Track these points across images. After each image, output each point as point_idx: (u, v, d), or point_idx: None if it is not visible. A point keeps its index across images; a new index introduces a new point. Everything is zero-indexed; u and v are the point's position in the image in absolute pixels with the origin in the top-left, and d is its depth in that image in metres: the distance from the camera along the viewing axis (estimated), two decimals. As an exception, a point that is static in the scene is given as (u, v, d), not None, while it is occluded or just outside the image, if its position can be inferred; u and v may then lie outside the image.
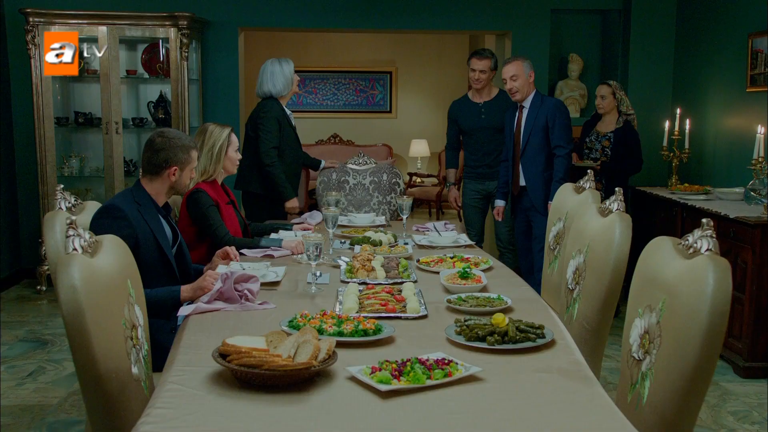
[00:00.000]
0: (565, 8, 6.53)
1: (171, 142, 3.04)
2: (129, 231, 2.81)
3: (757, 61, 5.02)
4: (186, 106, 5.89)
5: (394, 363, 1.96)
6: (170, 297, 2.83)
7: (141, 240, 2.88)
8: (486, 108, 5.15)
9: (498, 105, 5.14)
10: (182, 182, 3.10)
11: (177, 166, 3.04)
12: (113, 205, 2.88)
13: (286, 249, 3.55)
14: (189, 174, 3.11)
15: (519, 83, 4.74)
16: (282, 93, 4.80)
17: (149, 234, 2.92)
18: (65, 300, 1.92)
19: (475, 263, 3.27)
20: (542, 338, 2.25)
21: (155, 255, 2.94)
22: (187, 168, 3.08)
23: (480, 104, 5.16)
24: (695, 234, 2.12)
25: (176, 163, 3.04)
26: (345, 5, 6.37)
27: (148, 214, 2.96)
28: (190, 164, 3.09)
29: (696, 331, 1.92)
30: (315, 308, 2.58)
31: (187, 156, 3.07)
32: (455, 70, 10.88)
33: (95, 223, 2.83)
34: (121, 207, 2.87)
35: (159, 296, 2.81)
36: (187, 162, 3.07)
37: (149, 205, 3.00)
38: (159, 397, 1.84)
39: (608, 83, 5.40)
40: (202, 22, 6.15)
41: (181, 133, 3.21)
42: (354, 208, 4.97)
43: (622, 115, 5.30)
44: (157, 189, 3.04)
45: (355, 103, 10.73)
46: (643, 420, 2.04)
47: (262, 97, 4.83)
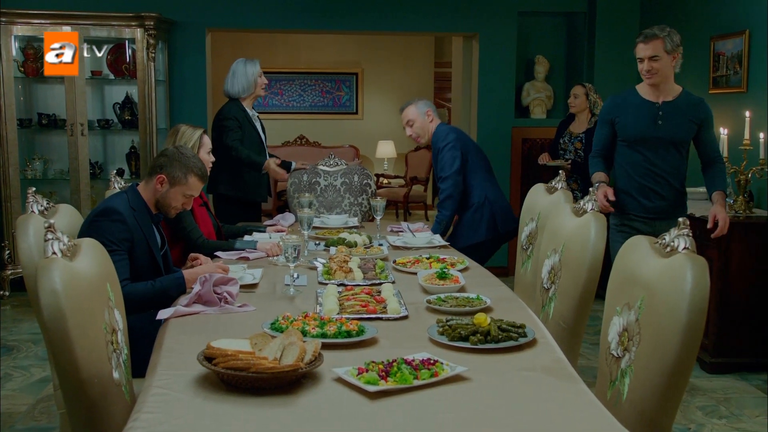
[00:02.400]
0: (532, 11, 6.61)
1: (176, 156, 3.01)
2: (127, 234, 2.83)
3: (720, 64, 5.13)
4: (153, 108, 5.83)
5: (380, 364, 1.97)
6: (175, 284, 2.85)
7: (136, 244, 2.87)
8: (666, 111, 3.76)
9: (683, 109, 3.76)
10: (167, 199, 3.00)
11: (166, 178, 2.97)
12: (112, 208, 2.86)
13: (261, 251, 3.54)
14: (178, 197, 3.01)
15: (417, 126, 4.41)
16: (242, 94, 4.76)
17: (143, 239, 2.91)
18: (46, 305, 1.89)
19: (451, 263, 3.29)
20: (524, 337, 2.27)
21: (146, 260, 2.93)
22: (177, 187, 2.99)
23: (658, 105, 3.78)
24: (672, 233, 2.17)
25: (167, 174, 2.98)
26: (311, 6, 6.36)
27: (142, 219, 2.94)
28: (181, 186, 2.99)
29: (675, 328, 1.96)
30: (295, 310, 2.57)
31: (183, 176, 2.98)
32: (421, 71, 10.94)
33: (93, 224, 2.81)
34: (120, 210, 2.86)
35: (163, 286, 2.81)
36: (179, 181, 2.98)
37: (143, 211, 2.98)
38: (145, 401, 1.82)
39: (583, 84, 5.60)
40: (168, 22, 6.08)
41: (198, 159, 3.13)
42: (325, 210, 4.96)
43: (594, 116, 5.42)
44: (148, 195, 3.02)
45: (321, 104, 10.71)
46: (623, 416, 2.07)
47: (227, 97, 4.84)
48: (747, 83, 4.81)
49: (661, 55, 3.67)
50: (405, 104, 4.51)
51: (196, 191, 3.08)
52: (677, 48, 3.71)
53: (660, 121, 3.76)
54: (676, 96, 3.79)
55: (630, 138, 3.84)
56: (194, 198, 3.69)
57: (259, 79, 4.78)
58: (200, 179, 3.06)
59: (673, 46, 3.69)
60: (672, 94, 3.78)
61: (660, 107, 3.78)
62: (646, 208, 3.83)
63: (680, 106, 3.76)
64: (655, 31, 3.70)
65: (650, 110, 3.79)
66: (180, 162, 3.00)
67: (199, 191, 3.14)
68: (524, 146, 6.62)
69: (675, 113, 3.75)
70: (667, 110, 3.77)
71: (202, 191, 3.87)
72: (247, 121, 4.74)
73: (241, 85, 4.74)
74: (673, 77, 3.80)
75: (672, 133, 3.75)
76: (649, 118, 3.78)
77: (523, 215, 3.92)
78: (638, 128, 3.81)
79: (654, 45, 3.68)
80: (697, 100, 3.82)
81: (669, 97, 3.78)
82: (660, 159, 3.79)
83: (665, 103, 3.77)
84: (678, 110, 3.76)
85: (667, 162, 3.79)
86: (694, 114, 3.75)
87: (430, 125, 4.42)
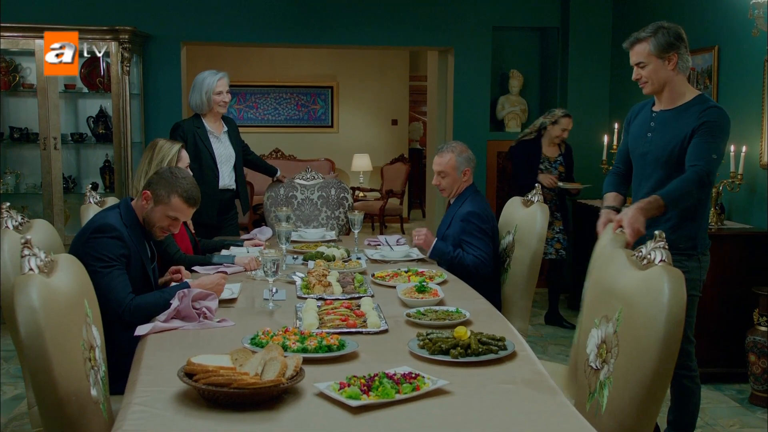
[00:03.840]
0: (506, 26, 6.68)
1: (166, 174, 2.96)
2: (124, 251, 2.82)
3: (690, 79, 5.21)
4: (128, 121, 5.78)
5: (362, 378, 1.97)
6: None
7: (132, 261, 2.86)
8: (658, 122, 3.18)
9: (678, 120, 3.10)
10: (152, 218, 2.93)
11: (151, 195, 2.92)
12: (109, 224, 2.83)
13: (239, 265, 3.52)
14: (162, 217, 2.93)
15: (448, 181, 3.88)
16: (197, 110, 4.60)
17: (137, 254, 2.90)
18: (24, 321, 1.87)
19: (430, 277, 3.30)
20: (504, 350, 2.29)
21: (139, 275, 2.92)
22: (161, 206, 2.91)
23: (654, 114, 3.22)
24: (648, 246, 2.20)
25: (153, 191, 2.92)
26: (287, 20, 6.37)
27: (134, 235, 2.92)
28: (164, 205, 2.91)
29: (653, 340, 1.99)
30: (274, 325, 2.56)
31: (166, 195, 2.90)
32: (397, 85, 10.99)
33: (91, 240, 2.78)
34: (116, 226, 2.84)
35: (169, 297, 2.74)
36: (162, 199, 2.91)
37: (136, 227, 2.95)
38: (126, 419, 1.81)
39: (570, 115, 5.51)
40: (143, 36, 6.05)
41: (189, 183, 2.98)
42: (302, 224, 4.95)
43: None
44: (139, 211, 2.97)
45: (296, 117, 10.70)
46: (602, 428, 2.09)
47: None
48: (717, 97, 4.89)
49: (648, 60, 3.08)
50: (444, 145, 3.95)
51: (182, 214, 2.96)
52: (671, 48, 3.05)
53: (650, 133, 3.18)
54: (682, 104, 3.11)
55: (631, 152, 3.31)
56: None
57: (216, 96, 4.52)
58: (184, 201, 2.93)
59: (663, 48, 3.05)
60: (677, 102, 3.12)
61: (654, 117, 3.20)
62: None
63: (678, 116, 3.10)
64: (639, 34, 3.11)
65: (647, 120, 3.22)
66: (167, 181, 2.93)
67: (186, 216, 3.01)
68: (499, 159, 6.68)
69: (665, 125, 3.12)
70: (658, 121, 3.16)
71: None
72: (197, 137, 4.51)
73: (194, 101, 4.58)
74: (682, 80, 3.12)
75: (658, 149, 3.12)
76: (642, 131, 3.22)
77: (500, 228, 3.95)
78: (633, 139, 3.28)
79: (637, 50, 3.12)
80: (703, 106, 3.06)
81: (671, 105, 3.13)
82: (649, 182, 3.16)
83: (660, 113, 3.17)
84: (670, 121, 3.11)
85: (660, 186, 3.04)
86: (688, 122, 3.04)
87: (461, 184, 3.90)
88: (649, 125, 3.19)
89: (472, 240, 3.71)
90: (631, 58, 3.15)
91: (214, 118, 4.64)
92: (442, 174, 3.88)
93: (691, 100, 3.10)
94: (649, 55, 3.08)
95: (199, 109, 4.60)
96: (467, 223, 3.74)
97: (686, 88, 3.14)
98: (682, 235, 3.10)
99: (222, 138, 4.67)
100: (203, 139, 4.56)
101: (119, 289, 2.74)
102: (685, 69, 3.11)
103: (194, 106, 4.61)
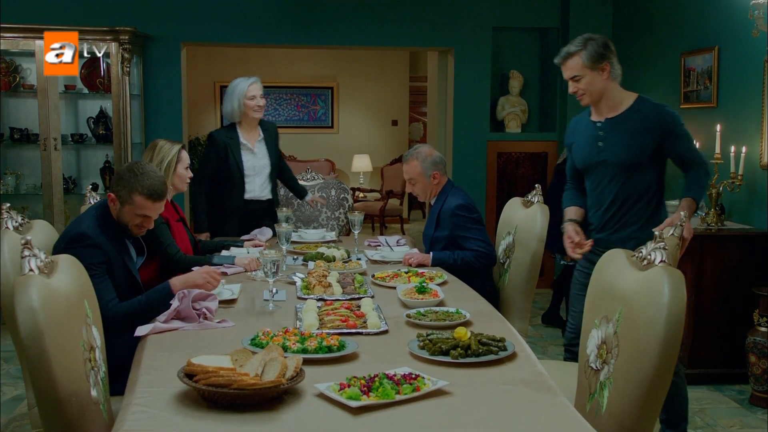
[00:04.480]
0: (506, 26, 6.68)
1: (124, 174, 2.90)
2: (102, 257, 2.78)
3: (690, 79, 5.23)
4: (128, 122, 5.78)
5: (362, 379, 1.97)
6: (162, 296, 2.77)
7: (112, 263, 2.84)
8: (607, 130, 3.19)
9: (628, 124, 3.15)
10: (123, 218, 2.90)
11: (115, 196, 2.89)
12: (82, 233, 2.80)
13: (239, 266, 3.52)
14: (132, 215, 2.89)
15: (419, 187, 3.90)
16: (232, 118, 4.51)
17: (118, 257, 2.88)
18: (24, 322, 1.87)
19: (430, 278, 3.30)
20: (504, 351, 2.29)
21: (123, 277, 2.90)
22: (127, 206, 2.87)
23: (599, 124, 3.23)
24: (648, 246, 2.20)
25: (115, 193, 2.89)
26: (287, 21, 6.37)
27: (112, 236, 2.89)
28: (129, 205, 2.87)
29: (653, 341, 1.99)
30: (274, 325, 2.56)
31: (127, 195, 2.86)
32: (397, 85, 11.00)
33: (67, 251, 2.68)
34: (90, 234, 2.80)
35: (151, 300, 2.75)
36: (125, 200, 2.87)
37: (113, 228, 2.91)
38: (125, 419, 1.80)
39: None
40: (143, 36, 6.06)
41: (152, 177, 2.89)
42: (302, 224, 4.95)
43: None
44: (113, 212, 2.94)
45: (296, 118, 10.71)
46: (602, 429, 2.09)
47: None
48: (717, 98, 4.90)
49: (583, 73, 3.12)
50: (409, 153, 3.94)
51: (150, 210, 2.90)
52: (603, 58, 3.12)
53: (600, 142, 3.18)
54: (625, 109, 3.16)
55: (579, 166, 3.31)
56: (171, 212, 3.69)
57: (249, 101, 4.43)
58: (147, 198, 2.86)
59: (595, 59, 3.11)
60: (619, 108, 3.17)
61: (601, 126, 3.19)
62: (603, 242, 3.16)
63: (625, 121, 3.14)
64: (569, 48, 3.16)
65: (592, 131, 3.22)
66: (126, 181, 2.87)
67: (155, 211, 2.94)
68: (499, 160, 6.68)
69: (617, 131, 3.14)
70: (608, 129, 3.17)
71: (178, 206, 3.86)
72: (229, 149, 4.45)
73: (227, 109, 4.48)
74: (616, 87, 3.18)
75: (616, 156, 3.13)
76: (591, 141, 3.22)
77: (499, 229, 3.95)
78: (581, 154, 3.28)
79: (570, 65, 3.15)
80: (652, 108, 3.15)
81: (613, 112, 3.17)
82: (611, 188, 3.17)
83: (607, 121, 3.18)
84: (620, 127, 3.14)
85: (624, 190, 3.15)
86: (646, 126, 3.11)
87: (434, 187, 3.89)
88: (598, 134, 3.21)
89: (466, 233, 3.72)
90: (565, 73, 3.20)
91: (249, 126, 4.53)
92: (411, 181, 3.89)
93: (634, 103, 3.17)
94: (583, 68, 3.13)
95: (233, 117, 4.48)
96: (457, 217, 3.73)
97: (623, 93, 3.21)
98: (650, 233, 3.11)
99: (256, 148, 4.56)
100: (234, 151, 4.46)
101: (99, 296, 2.68)
102: (617, 76, 3.18)
103: (228, 115, 4.49)
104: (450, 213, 3.75)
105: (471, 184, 6.03)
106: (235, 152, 4.47)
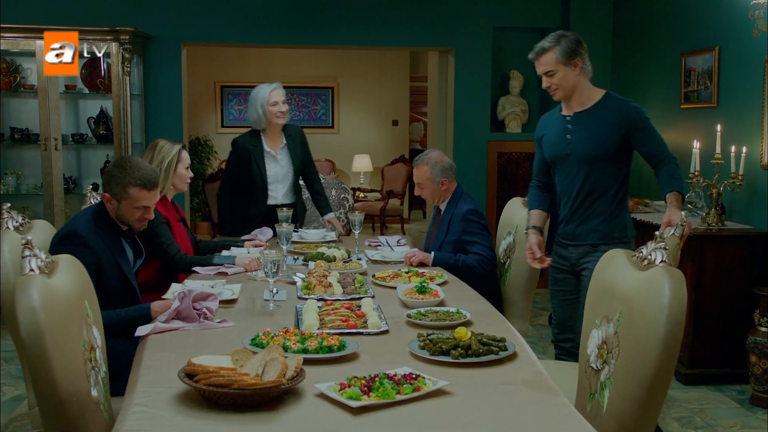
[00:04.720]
0: (506, 26, 6.68)
1: (113, 171, 2.91)
2: (92, 258, 2.75)
3: (691, 79, 5.23)
4: (128, 122, 5.79)
5: (362, 379, 1.97)
6: (141, 315, 2.75)
7: (104, 265, 2.83)
8: (575, 123, 3.29)
9: (596, 118, 3.25)
10: (122, 215, 2.92)
11: (110, 195, 2.90)
12: (74, 231, 2.80)
13: (239, 266, 3.52)
14: (131, 210, 2.91)
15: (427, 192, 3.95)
16: (256, 126, 4.46)
17: (111, 258, 2.87)
18: (24, 322, 1.87)
19: (430, 278, 3.30)
20: (504, 351, 2.29)
21: (117, 279, 2.89)
22: (123, 202, 2.89)
23: (568, 117, 3.33)
24: (649, 246, 2.20)
25: (110, 192, 2.90)
26: (287, 21, 6.37)
27: (108, 237, 2.89)
28: (126, 200, 2.88)
29: (654, 341, 1.99)
30: (275, 325, 2.56)
31: (122, 191, 2.87)
32: (397, 85, 11.00)
33: (57, 248, 2.72)
34: (82, 233, 2.80)
35: (130, 315, 2.74)
36: (121, 196, 2.88)
37: (111, 228, 2.92)
38: (126, 419, 1.80)
39: None
40: (144, 36, 6.06)
41: (139, 168, 2.91)
42: (303, 224, 4.94)
43: None
44: (111, 211, 2.94)
45: (297, 118, 10.70)
46: (603, 429, 2.09)
47: None
48: (717, 98, 4.90)
49: (557, 68, 3.19)
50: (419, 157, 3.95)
51: (147, 200, 2.92)
52: (575, 54, 3.19)
53: (568, 135, 3.27)
54: (593, 104, 3.25)
55: (548, 158, 3.40)
56: (171, 212, 3.69)
57: (271, 107, 4.38)
58: (142, 188, 2.88)
59: (568, 55, 3.18)
60: (588, 103, 3.26)
61: (570, 120, 3.29)
62: (570, 235, 3.34)
63: (593, 116, 3.23)
64: (543, 44, 3.23)
65: (561, 125, 3.32)
66: (117, 177, 2.88)
67: (152, 200, 2.95)
68: (500, 160, 6.68)
69: (585, 125, 3.23)
70: (576, 123, 3.27)
71: (179, 206, 3.86)
72: (252, 157, 4.45)
73: (251, 117, 4.46)
74: (587, 83, 3.27)
75: (583, 149, 3.22)
76: (560, 134, 3.31)
77: (500, 229, 3.95)
78: (550, 146, 3.36)
79: (544, 60, 3.22)
80: (618, 102, 3.26)
81: (582, 107, 3.26)
82: (577, 180, 3.27)
83: (575, 115, 3.27)
84: (588, 121, 3.23)
85: (589, 183, 3.25)
86: (612, 120, 3.18)
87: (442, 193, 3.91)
88: (566, 128, 3.29)
89: (473, 238, 3.72)
90: (538, 68, 3.27)
91: (273, 133, 4.50)
92: (420, 185, 3.94)
93: (602, 99, 3.27)
94: (556, 63, 3.20)
95: (257, 124, 4.46)
96: (468, 222, 3.74)
97: (593, 89, 3.30)
98: (615, 225, 3.28)
99: (280, 155, 4.54)
100: (257, 158, 4.46)
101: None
102: (588, 72, 3.27)
103: (254, 122, 4.47)
104: (461, 217, 3.77)
105: (471, 184, 6.03)
106: (259, 160, 4.47)
